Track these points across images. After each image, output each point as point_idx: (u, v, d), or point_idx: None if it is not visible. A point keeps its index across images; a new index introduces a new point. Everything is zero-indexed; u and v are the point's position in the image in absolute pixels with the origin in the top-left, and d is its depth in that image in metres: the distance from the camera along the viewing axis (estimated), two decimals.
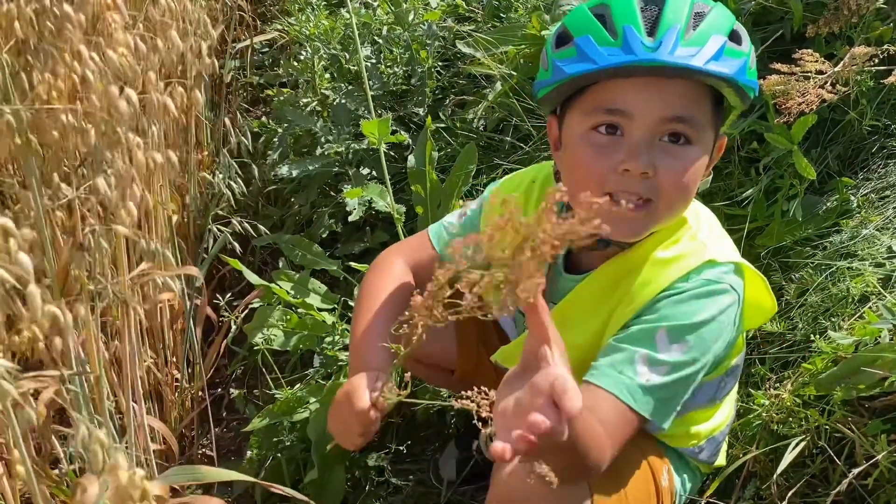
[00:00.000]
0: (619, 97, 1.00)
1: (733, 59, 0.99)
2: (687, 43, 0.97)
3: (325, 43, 2.21)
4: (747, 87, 1.02)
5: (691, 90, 1.00)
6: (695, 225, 1.11)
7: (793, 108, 1.44)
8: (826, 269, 1.49)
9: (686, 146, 1.01)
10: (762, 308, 1.21)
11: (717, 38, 0.98)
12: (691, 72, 0.97)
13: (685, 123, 1.00)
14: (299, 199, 2.16)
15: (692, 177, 1.03)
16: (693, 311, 1.04)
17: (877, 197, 1.55)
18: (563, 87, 1.04)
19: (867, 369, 1.23)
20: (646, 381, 1.01)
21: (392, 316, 1.22)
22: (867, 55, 1.46)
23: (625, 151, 1.00)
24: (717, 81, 0.99)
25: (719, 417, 1.23)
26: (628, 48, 0.97)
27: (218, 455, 1.78)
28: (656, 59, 0.96)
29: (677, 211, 1.07)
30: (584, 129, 1.03)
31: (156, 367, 1.60)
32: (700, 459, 1.25)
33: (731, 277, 1.07)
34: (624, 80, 1.00)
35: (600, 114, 1.01)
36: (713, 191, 1.71)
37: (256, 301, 1.78)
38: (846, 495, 1.25)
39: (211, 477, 1.01)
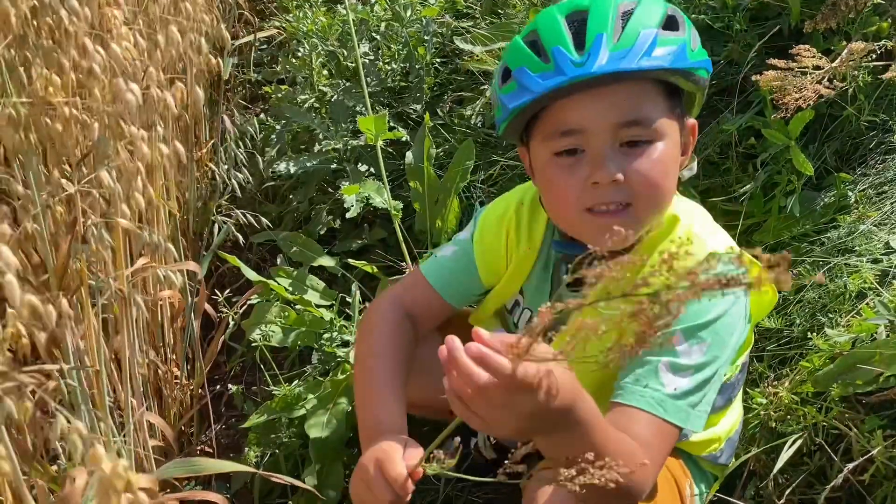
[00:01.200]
0: (569, 116, 1.01)
1: (669, 46, 0.98)
2: (615, 47, 0.97)
3: (322, 40, 2.21)
4: (693, 69, 1.01)
5: (637, 90, 1.00)
6: (687, 221, 1.11)
7: (790, 104, 1.45)
8: (824, 265, 1.49)
9: (649, 144, 1.01)
10: (764, 298, 1.20)
11: (646, 33, 0.97)
12: (626, 74, 0.97)
13: (640, 126, 1.00)
14: (297, 195, 2.16)
15: (663, 171, 1.03)
16: (705, 309, 1.03)
17: (874, 193, 1.56)
18: (516, 121, 1.05)
19: (863, 366, 1.24)
20: (674, 389, 1.01)
21: (397, 366, 1.20)
22: (865, 51, 1.46)
23: (589, 165, 1.01)
24: (659, 74, 0.99)
25: (733, 416, 1.23)
26: (559, 69, 0.97)
27: (217, 452, 1.78)
28: (587, 73, 0.96)
29: (659, 208, 1.06)
30: (548, 155, 1.04)
31: (156, 364, 1.60)
32: (719, 463, 1.25)
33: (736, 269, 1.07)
34: (569, 99, 1.00)
35: (557, 137, 1.02)
36: (710, 187, 1.72)
37: (255, 297, 1.78)
38: (844, 492, 1.25)
39: (210, 469, 1.01)
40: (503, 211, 1.24)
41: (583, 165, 1.01)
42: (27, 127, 0.83)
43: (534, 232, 1.21)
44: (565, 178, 1.03)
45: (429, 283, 1.27)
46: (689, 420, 1.03)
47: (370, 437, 1.10)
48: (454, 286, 1.28)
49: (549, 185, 1.07)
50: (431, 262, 1.30)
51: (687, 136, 1.08)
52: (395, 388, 1.17)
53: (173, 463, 0.96)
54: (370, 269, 1.81)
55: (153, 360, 1.59)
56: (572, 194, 1.02)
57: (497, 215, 1.24)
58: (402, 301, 1.28)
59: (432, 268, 1.29)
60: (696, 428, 1.05)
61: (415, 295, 1.28)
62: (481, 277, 1.27)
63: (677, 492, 1.16)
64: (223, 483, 1.67)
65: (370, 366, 1.20)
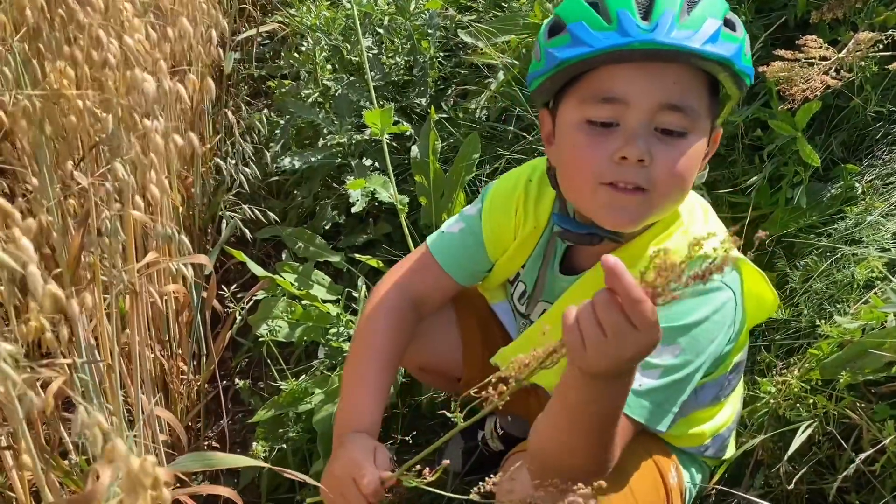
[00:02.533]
0: (615, 84, 0.98)
1: (729, 42, 0.98)
2: (683, 25, 0.95)
3: (326, 34, 2.21)
4: (743, 73, 1.00)
5: (687, 76, 0.99)
6: (687, 219, 1.10)
7: (797, 95, 1.44)
8: (831, 255, 1.49)
9: (683, 136, 1.00)
10: (764, 302, 1.18)
11: (712, 22, 0.96)
12: (688, 54, 0.95)
13: (681, 112, 0.99)
14: (302, 190, 2.16)
15: (689, 167, 1.01)
16: (685, 312, 1.02)
17: (881, 183, 1.56)
18: (557, 76, 1.02)
19: (874, 352, 1.23)
20: (638, 385, 1.01)
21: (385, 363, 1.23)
22: (871, 41, 1.46)
23: (621, 139, 0.98)
24: (714, 66, 0.98)
25: (724, 415, 1.23)
26: (623, 31, 0.95)
27: (224, 446, 1.78)
28: (653, 41, 0.94)
29: (673, 202, 1.05)
30: (580, 119, 1.01)
31: (163, 359, 1.60)
32: (706, 456, 1.25)
33: (727, 275, 1.05)
34: (619, 66, 0.98)
35: (596, 102, 0.99)
36: (717, 179, 1.72)
37: (261, 293, 1.78)
38: (853, 481, 1.25)
39: (223, 463, 1.01)
40: (513, 187, 1.23)
41: (614, 138, 0.99)
42: (41, 119, 0.82)
43: (540, 209, 1.20)
44: (592, 146, 1.00)
45: (438, 265, 1.26)
46: (652, 419, 1.03)
47: (343, 429, 1.17)
48: (463, 266, 1.27)
49: (572, 150, 1.03)
50: (439, 241, 1.28)
51: (712, 142, 1.07)
52: (378, 390, 1.20)
53: (187, 457, 0.96)
54: (376, 264, 1.81)
55: (159, 354, 1.59)
56: (595, 164, 1.00)
57: (507, 191, 1.23)
58: (407, 287, 1.28)
59: (441, 248, 1.27)
60: (661, 427, 1.05)
61: (423, 277, 1.28)
62: (489, 253, 1.26)
63: (658, 474, 1.17)
64: (231, 478, 1.67)
65: (359, 360, 1.23)
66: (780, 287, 1.53)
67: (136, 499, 0.61)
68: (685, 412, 1.16)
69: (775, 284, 1.54)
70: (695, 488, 1.25)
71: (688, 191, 1.06)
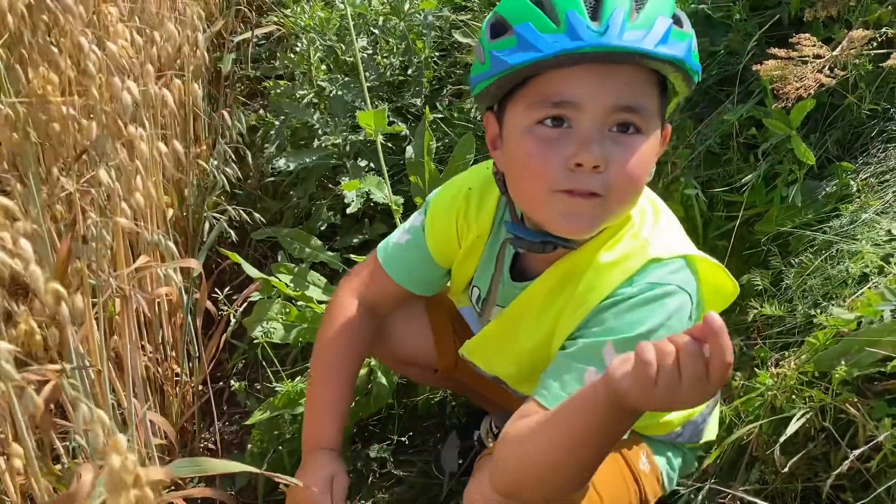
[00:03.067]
0: (566, 87, 0.95)
1: (680, 41, 0.95)
2: (634, 26, 0.92)
3: (320, 34, 2.20)
4: (693, 70, 0.98)
5: (639, 77, 0.97)
6: (637, 221, 1.07)
7: (791, 93, 1.44)
8: (826, 251, 1.48)
9: (636, 135, 0.97)
10: (723, 292, 1.16)
11: (662, 21, 0.94)
12: (641, 56, 0.93)
13: (635, 113, 0.96)
14: (297, 191, 2.16)
15: (644, 168, 0.99)
16: (639, 320, 1.00)
17: (876, 181, 1.55)
18: (503, 80, 0.98)
19: (871, 349, 1.23)
20: None
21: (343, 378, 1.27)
22: (866, 38, 1.46)
23: (575, 144, 0.95)
24: (665, 66, 0.96)
25: None
26: (574, 34, 0.91)
27: (220, 448, 1.79)
28: (605, 44, 0.91)
29: (629, 204, 1.03)
30: (529, 123, 0.98)
31: (156, 362, 1.60)
32: (680, 442, 1.25)
33: (680, 275, 1.04)
34: (569, 70, 0.94)
35: (546, 107, 0.96)
36: (712, 177, 1.71)
37: (256, 294, 1.78)
38: (849, 479, 1.25)
39: (215, 469, 1.01)
40: (452, 197, 1.21)
41: (567, 143, 0.96)
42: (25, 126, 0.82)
43: (482, 217, 1.18)
44: (545, 153, 0.97)
45: (388, 276, 1.27)
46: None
47: (309, 448, 1.26)
48: (414, 276, 1.28)
49: (524, 156, 0.99)
50: (388, 251, 1.28)
51: (662, 139, 1.05)
52: (337, 407, 1.26)
53: (179, 462, 0.95)
54: None
55: (152, 357, 1.59)
56: (547, 171, 0.97)
57: (447, 202, 1.21)
58: (363, 295, 1.29)
59: (390, 259, 1.27)
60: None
61: (376, 288, 1.28)
62: (438, 263, 1.26)
63: (624, 464, 1.17)
64: (227, 479, 1.67)
65: (319, 380, 1.29)
66: (774, 284, 1.53)
67: (119, 497, 0.61)
68: None
69: (770, 282, 1.54)
70: (674, 472, 1.25)
71: (641, 192, 1.04)
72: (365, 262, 1.34)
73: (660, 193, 1.71)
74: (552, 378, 1.02)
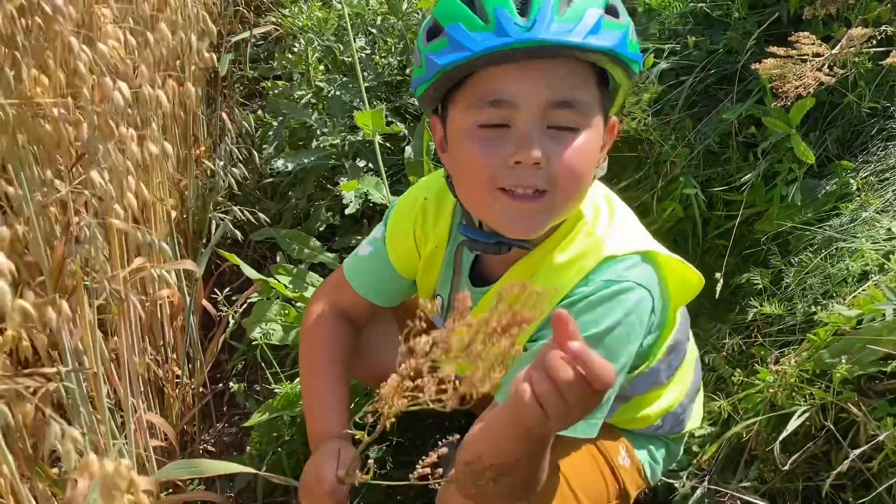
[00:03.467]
0: (500, 86, 0.95)
1: (613, 31, 0.94)
2: (562, 19, 0.92)
3: (318, 34, 2.20)
4: (630, 60, 0.97)
5: (574, 70, 0.96)
6: (591, 219, 1.07)
7: (790, 92, 1.43)
8: (825, 250, 1.48)
9: (576, 132, 0.97)
10: (688, 284, 1.14)
11: (593, 12, 0.93)
12: (571, 48, 0.92)
13: (572, 107, 0.96)
14: (296, 192, 2.16)
15: (586, 162, 0.99)
16: (595, 320, 1.00)
17: (876, 180, 1.55)
18: (439, 82, 0.98)
19: (872, 347, 1.22)
20: None
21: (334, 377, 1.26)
22: (865, 36, 1.45)
23: (514, 142, 0.95)
24: (600, 57, 0.95)
25: (673, 394, 1.22)
26: (501, 30, 0.91)
27: (220, 450, 1.78)
28: (532, 39, 0.90)
29: (574, 200, 1.02)
30: (469, 125, 0.98)
31: (156, 364, 1.59)
32: (662, 434, 1.25)
33: (636, 271, 1.03)
34: (502, 67, 0.94)
35: (483, 106, 0.96)
36: (711, 176, 1.71)
37: (255, 296, 1.78)
38: (849, 478, 1.24)
39: (211, 470, 1.01)
40: (409, 209, 1.21)
41: (506, 142, 0.96)
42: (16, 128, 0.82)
43: (439, 226, 1.18)
44: (485, 152, 0.97)
45: (354, 290, 1.27)
46: (577, 431, 1.01)
47: (316, 442, 1.22)
48: (378, 289, 1.28)
49: (465, 157, 1.00)
50: (353, 264, 1.29)
51: (608, 133, 1.04)
52: (334, 399, 1.24)
53: (175, 464, 0.95)
54: None
55: (153, 359, 1.58)
56: (489, 171, 0.97)
57: (403, 213, 1.22)
58: (336, 304, 1.29)
59: (354, 272, 1.28)
60: (588, 435, 1.03)
61: (345, 300, 1.29)
62: (400, 274, 1.26)
63: (602, 459, 1.16)
64: (227, 481, 1.67)
65: (310, 380, 1.27)
66: (774, 283, 1.52)
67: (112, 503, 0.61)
68: (624, 400, 1.16)
69: (770, 281, 1.53)
70: (657, 463, 1.25)
71: (587, 187, 1.03)
72: (333, 275, 1.35)
73: (659, 192, 1.72)
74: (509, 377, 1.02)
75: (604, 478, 1.16)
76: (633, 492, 1.20)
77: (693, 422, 1.29)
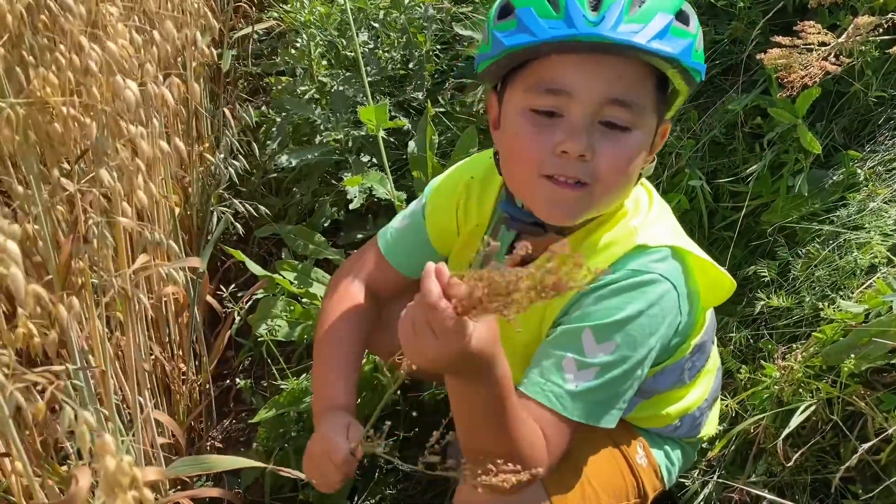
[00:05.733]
0: (560, 75, 0.96)
1: (679, 38, 0.95)
2: (631, 19, 0.93)
3: (321, 29, 2.19)
4: (693, 69, 0.98)
5: (634, 71, 0.97)
6: (631, 209, 1.08)
7: (796, 82, 1.42)
8: (833, 241, 1.47)
9: (626, 131, 0.98)
10: (721, 286, 1.15)
11: (662, 17, 0.94)
12: (634, 49, 0.93)
13: (626, 107, 0.97)
14: (300, 188, 2.15)
15: (631, 163, 1.00)
16: (618, 307, 1.01)
17: (884, 169, 1.54)
18: (502, 61, 1.00)
19: (878, 340, 1.22)
20: (574, 386, 1.00)
21: (351, 350, 1.24)
22: (871, 24, 1.44)
23: (564, 132, 0.97)
24: (662, 62, 0.96)
25: (694, 395, 1.22)
26: (570, 22, 0.93)
27: (227, 446, 1.78)
28: (598, 34, 0.92)
29: (615, 197, 1.04)
30: (524, 107, 1.00)
31: (162, 360, 1.59)
32: (678, 436, 1.25)
33: (663, 265, 1.04)
34: (565, 57, 0.96)
35: (540, 92, 0.98)
36: (717, 168, 1.70)
37: (260, 292, 1.78)
38: (858, 470, 1.24)
39: (218, 466, 1.01)
40: (453, 185, 1.22)
41: (557, 130, 0.97)
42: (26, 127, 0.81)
43: (484, 205, 1.19)
44: (534, 136, 0.99)
45: (387, 262, 1.27)
46: (594, 417, 1.02)
47: (320, 410, 1.19)
48: (411, 261, 1.27)
49: (514, 138, 1.02)
50: (388, 238, 1.29)
51: (659, 136, 1.05)
52: (348, 372, 1.22)
53: (182, 461, 0.95)
54: None
55: (159, 356, 1.58)
56: (536, 155, 0.99)
57: (447, 190, 1.22)
58: (363, 279, 1.28)
59: (388, 244, 1.28)
60: (608, 424, 1.04)
61: (375, 273, 1.28)
62: (436, 249, 1.26)
63: (622, 458, 1.16)
64: (234, 478, 1.67)
65: (327, 351, 1.24)
66: (782, 275, 1.52)
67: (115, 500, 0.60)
68: (646, 395, 1.16)
69: (777, 273, 1.53)
70: (673, 466, 1.25)
71: (631, 185, 1.04)
72: (363, 249, 1.33)
73: (664, 184, 1.71)
74: (533, 365, 1.04)
75: (622, 475, 1.16)
76: (651, 493, 1.19)
77: (708, 429, 1.29)
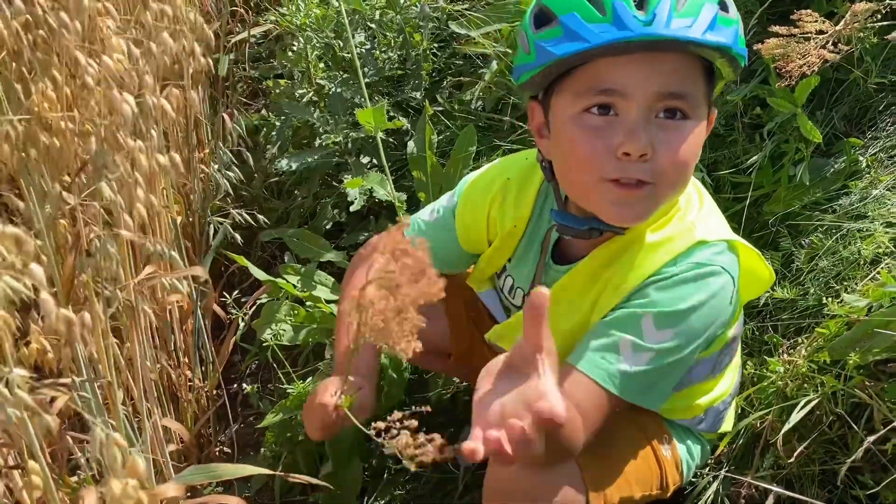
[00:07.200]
0: (613, 76, 0.96)
1: (727, 27, 0.96)
2: (680, 14, 0.93)
3: (317, 32, 2.19)
4: (740, 55, 0.99)
5: (685, 64, 0.97)
6: (684, 205, 1.09)
7: (794, 71, 1.42)
8: (836, 232, 1.47)
9: (683, 121, 0.98)
10: (759, 279, 1.17)
11: (709, 8, 0.94)
12: (688, 44, 0.93)
13: (681, 99, 0.97)
14: (301, 191, 2.16)
15: (691, 153, 1.00)
16: (681, 297, 1.02)
17: (886, 156, 1.53)
18: (549, 70, 0.99)
19: (882, 331, 1.22)
20: (628, 367, 1.01)
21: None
22: (869, 11, 1.43)
23: (622, 132, 0.96)
24: (712, 52, 0.96)
25: (720, 388, 1.22)
26: (621, 24, 0.92)
27: (236, 451, 1.79)
28: (653, 34, 0.92)
29: (678, 190, 1.04)
30: (576, 112, 0.99)
31: (169, 368, 1.60)
32: (701, 430, 1.25)
33: (723, 258, 1.05)
34: (616, 58, 0.96)
35: (593, 95, 0.97)
36: (718, 159, 1.70)
37: (264, 297, 1.78)
38: (866, 462, 1.24)
39: (227, 474, 1.01)
40: (488, 185, 1.21)
41: (614, 131, 0.96)
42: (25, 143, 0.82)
43: (521, 206, 1.18)
44: (592, 140, 0.98)
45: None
46: (643, 399, 1.04)
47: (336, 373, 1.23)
48: (437, 255, 1.26)
49: (570, 145, 1.00)
50: (416, 227, 1.28)
51: (708, 124, 1.05)
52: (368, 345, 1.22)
53: (191, 470, 0.95)
54: None
55: (165, 364, 1.59)
56: (597, 160, 0.98)
57: (482, 189, 1.22)
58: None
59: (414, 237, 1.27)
60: (652, 407, 1.06)
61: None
62: (463, 248, 1.26)
63: (650, 449, 1.17)
64: (244, 482, 1.68)
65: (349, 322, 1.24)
66: (785, 266, 1.52)
67: None
68: (680, 387, 1.16)
69: (781, 264, 1.52)
70: (692, 461, 1.25)
71: (690, 178, 1.05)
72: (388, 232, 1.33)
73: None
74: (585, 341, 1.04)
75: (649, 465, 1.16)
76: (671, 485, 1.20)
77: (727, 425, 1.29)
